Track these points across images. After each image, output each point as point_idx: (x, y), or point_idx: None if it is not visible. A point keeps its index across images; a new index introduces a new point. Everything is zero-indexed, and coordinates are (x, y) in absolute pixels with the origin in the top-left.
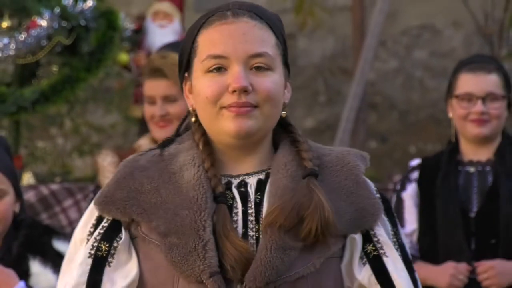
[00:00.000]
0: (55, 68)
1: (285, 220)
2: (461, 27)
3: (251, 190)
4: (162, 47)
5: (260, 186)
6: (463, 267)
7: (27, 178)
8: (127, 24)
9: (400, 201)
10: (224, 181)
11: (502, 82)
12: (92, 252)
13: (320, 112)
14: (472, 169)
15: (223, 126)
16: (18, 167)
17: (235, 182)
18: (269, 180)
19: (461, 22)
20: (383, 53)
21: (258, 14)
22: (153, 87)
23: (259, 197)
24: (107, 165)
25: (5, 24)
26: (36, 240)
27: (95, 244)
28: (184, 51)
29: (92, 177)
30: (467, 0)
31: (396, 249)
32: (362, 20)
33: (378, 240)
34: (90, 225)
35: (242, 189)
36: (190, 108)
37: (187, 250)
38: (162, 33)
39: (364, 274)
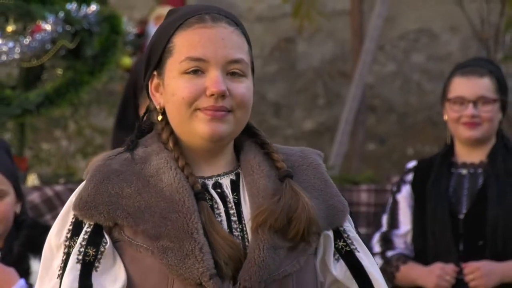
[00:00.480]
0: (59, 72)
1: (276, 222)
2: (458, 31)
3: (228, 190)
4: None
5: (234, 187)
6: (450, 268)
7: (32, 180)
8: (130, 28)
9: (395, 203)
10: (199, 182)
11: (494, 85)
12: (80, 257)
13: (320, 115)
14: (464, 171)
15: (197, 128)
16: (23, 169)
17: (210, 183)
18: (245, 180)
19: (458, 26)
20: (381, 56)
21: (234, 20)
22: None
23: (236, 197)
24: None
25: (10, 28)
26: (37, 239)
27: (82, 249)
28: (155, 49)
29: None
30: (464, 5)
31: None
32: (360, 24)
33: (348, 236)
34: (66, 230)
35: (219, 190)
36: (158, 107)
37: (183, 253)
38: None
39: (339, 269)
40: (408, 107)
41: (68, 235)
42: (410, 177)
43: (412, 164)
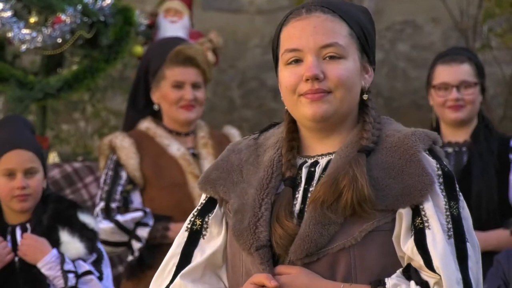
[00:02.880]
0: (77, 59)
1: (325, 195)
2: (439, 23)
3: (319, 169)
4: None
5: (328, 166)
6: None
7: (53, 157)
8: (142, 20)
9: None
10: (301, 161)
11: (474, 70)
12: (189, 226)
13: None
14: (450, 150)
15: (302, 111)
16: (45, 147)
17: (309, 162)
18: (331, 160)
19: (440, 18)
20: None
21: (330, 8)
22: (184, 74)
23: (322, 176)
24: (128, 146)
25: (32, 20)
26: (64, 213)
27: (192, 219)
28: (273, 49)
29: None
30: None
31: (448, 222)
32: None
33: (425, 213)
34: (201, 200)
35: (312, 169)
36: (282, 99)
37: (243, 226)
38: (173, 28)
39: (408, 245)
40: (394, 92)
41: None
42: None
43: None
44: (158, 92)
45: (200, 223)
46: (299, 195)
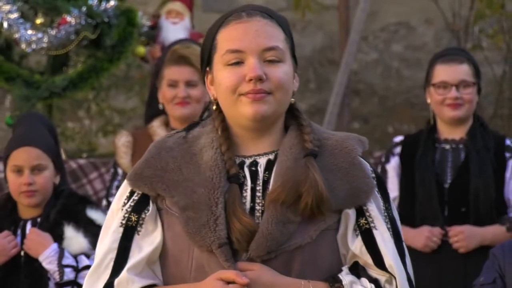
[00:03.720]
0: (82, 59)
1: (286, 196)
2: (432, 24)
3: (261, 169)
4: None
5: (269, 166)
6: (437, 230)
7: None
8: (144, 21)
9: (384, 172)
10: (238, 161)
11: (472, 71)
12: (123, 222)
13: (311, 98)
14: (447, 146)
15: (242, 111)
16: None
17: (248, 162)
18: (277, 160)
19: (432, 19)
20: (365, 46)
21: (268, 13)
22: (178, 72)
23: (267, 175)
24: (121, 145)
25: (39, 21)
26: (72, 208)
27: (126, 215)
28: (205, 48)
29: (114, 153)
30: (438, 1)
31: (386, 223)
32: (347, 18)
33: (370, 214)
34: (124, 197)
35: (253, 168)
36: (212, 98)
37: (200, 223)
38: (174, 29)
39: (356, 244)
40: (388, 91)
41: (125, 201)
42: (398, 149)
43: (399, 138)
44: (161, 92)
45: (136, 219)
46: (248, 194)
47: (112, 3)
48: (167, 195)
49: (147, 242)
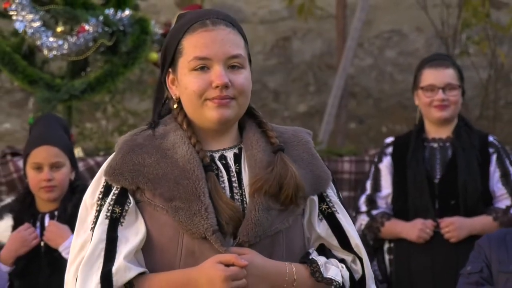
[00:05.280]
0: (99, 64)
1: (269, 188)
2: (422, 32)
3: (231, 162)
4: None
5: (237, 159)
6: (429, 222)
7: (77, 152)
8: (157, 29)
9: (377, 171)
10: (207, 155)
11: (457, 75)
12: (108, 214)
13: (311, 100)
14: (435, 145)
15: (207, 115)
16: None
17: (217, 155)
18: (245, 153)
19: (423, 28)
20: (360, 52)
21: (231, 22)
22: None
23: (237, 167)
24: None
25: (59, 29)
26: None
27: (110, 208)
28: (168, 50)
29: None
30: (428, 10)
31: (344, 207)
32: (344, 26)
33: (330, 200)
34: (98, 192)
35: (223, 161)
36: (174, 97)
37: (191, 212)
38: None
39: (322, 228)
40: (382, 94)
41: (100, 196)
42: (390, 150)
43: (390, 139)
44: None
45: (119, 211)
46: (225, 185)
47: (127, 12)
48: (149, 188)
49: (132, 233)
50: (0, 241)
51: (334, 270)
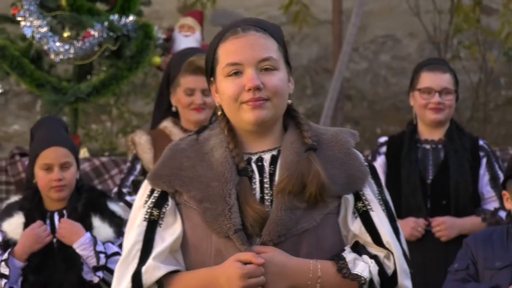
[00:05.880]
0: (104, 68)
1: (292, 187)
2: (415, 37)
3: (266, 164)
4: (185, 50)
5: (273, 161)
6: (421, 221)
7: (83, 153)
8: (160, 34)
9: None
10: (245, 158)
11: (453, 80)
12: (147, 216)
13: (308, 102)
14: (428, 146)
15: (244, 117)
16: (76, 144)
17: (254, 158)
18: (281, 155)
19: (416, 33)
20: (356, 56)
21: (262, 27)
22: (194, 81)
23: (272, 169)
24: (144, 142)
25: (66, 34)
26: (95, 201)
27: (149, 210)
28: (208, 61)
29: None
30: (420, 16)
31: (381, 205)
32: (340, 31)
33: (366, 198)
34: (145, 195)
35: (259, 164)
36: (217, 104)
37: (217, 213)
38: (186, 42)
39: (356, 225)
40: (377, 96)
41: (146, 199)
42: (384, 149)
43: (383, 139)
44: (175, 96)
45: (157, 213)
46: (257, 186)
47: (131, 18)
48: (184, 190)
49: (169, 233)
50: (12, 238)
51: (362, 266)
